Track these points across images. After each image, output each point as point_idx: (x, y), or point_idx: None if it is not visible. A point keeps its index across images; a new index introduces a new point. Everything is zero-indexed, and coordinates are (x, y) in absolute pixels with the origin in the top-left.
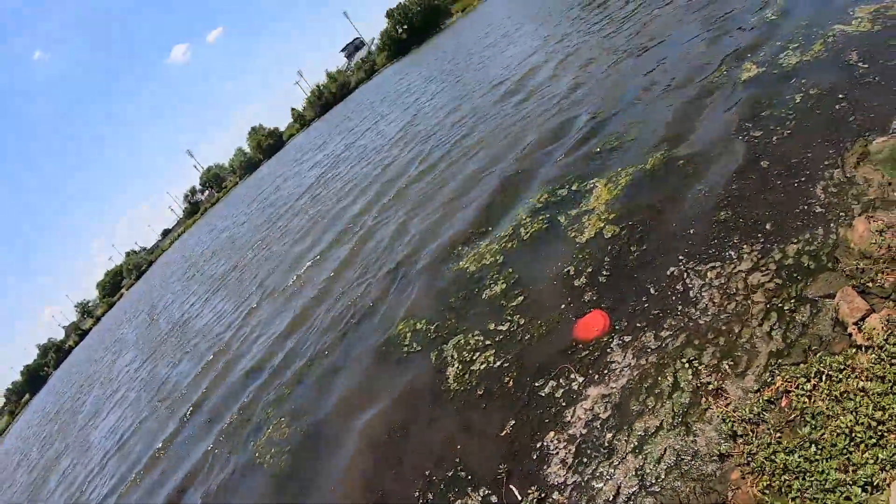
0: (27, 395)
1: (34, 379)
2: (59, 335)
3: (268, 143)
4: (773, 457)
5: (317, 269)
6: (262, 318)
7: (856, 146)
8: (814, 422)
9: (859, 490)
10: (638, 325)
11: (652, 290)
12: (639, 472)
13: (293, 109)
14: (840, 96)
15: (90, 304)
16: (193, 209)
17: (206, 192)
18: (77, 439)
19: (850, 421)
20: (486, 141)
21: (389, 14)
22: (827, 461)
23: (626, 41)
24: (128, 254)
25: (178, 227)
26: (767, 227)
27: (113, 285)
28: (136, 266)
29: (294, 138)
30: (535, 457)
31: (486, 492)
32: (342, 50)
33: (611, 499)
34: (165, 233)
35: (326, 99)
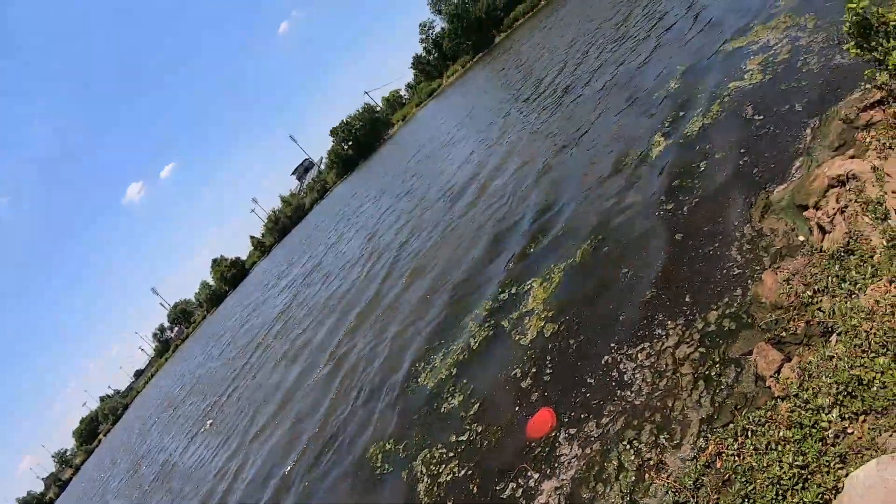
0: None
1: None
2: (39, 487)
3: (231, 273)
4: None
5: (291, 402)
6: (243, 457)
7: (758, 200)
8: (743, 478)
9: None
10: (582, 416)
11: (591, 381)
12: None
13: (252, 237)
14: (741, 151)
15: (68, 454)
16: (164, 347)
17: (175, 328)
18: None
19: (777, 471)
20: (439, 254)
21: (334, 132)
22: None
23: (556, 135)
24: (102, 398)
25: (151, 366)
26: (688, 299)
27: (89, 432)
28: (111, 410)
29: (257, 265)
30: None
31: None
32: (293, 173)
33: None
34: (138, 374)
35: (283, 223)
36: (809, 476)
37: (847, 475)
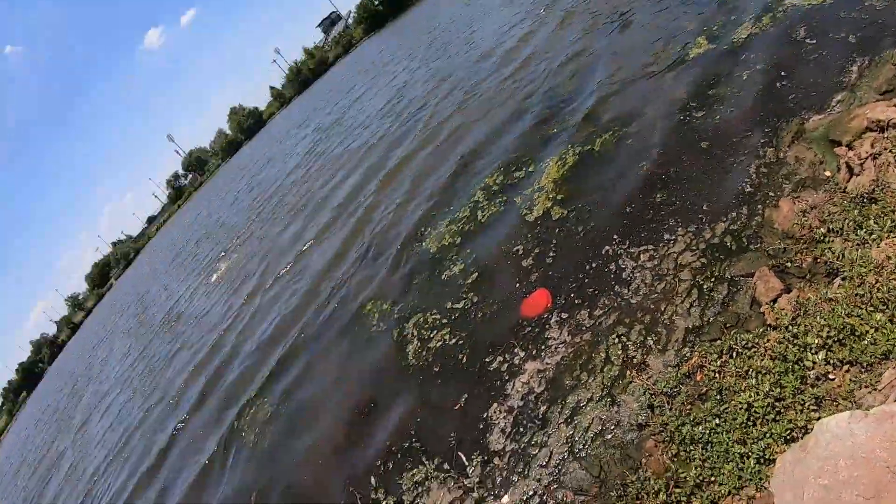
0: (24, 393)
1: (30, 376)
2: (52, 330)
3: (248, 123)
4: (681, 428)
5: (303, 255)
6: (249, 305)
7: (792, 124)
8: (719, 396)
9: (753, 462)
10: (577, 303)
11: (591, 270)
12: (569, 440)
13: (272, 88)
14: (782, 73)
15: (80, 297)
16: (177, 194)
17: (190, 176)
18: (78, 436)
19: (751, 397)
20: (463, 119)
21: None
22: (727, 434)
23: (605, 12)
24: (114, 244)
25: (163, 213)
26: (704, 207)
27: (102, 276)
28: (123, 256)
29: (275, 117)
30: (481, 427)
31: (440, 460)
32: (318, 25)
33: (543, 463)
34: (151, 220)
35: (305, 76)
36: (783, 410)
37: (818, 419)
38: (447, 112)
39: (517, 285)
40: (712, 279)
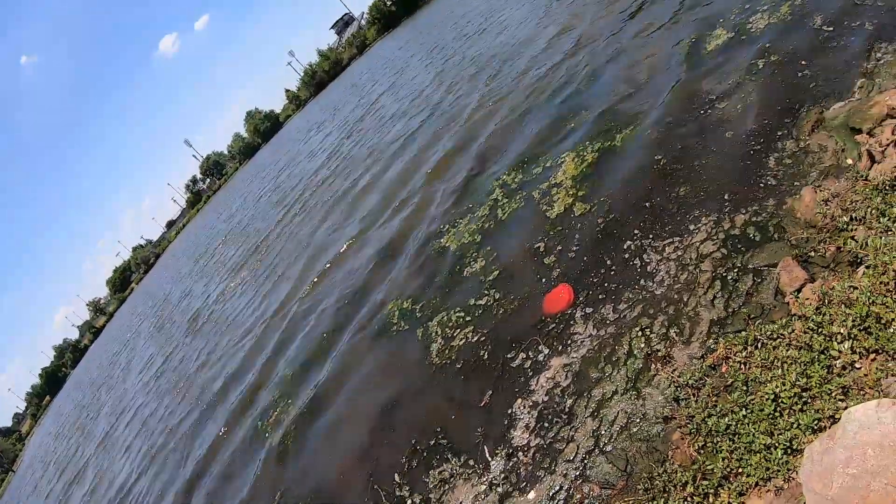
0: (48, 398)
1: (53, 380)
2: (74, 335)
3: (265, 127)
4: (707, 420)
5: (325, 256)
6: (271, 308)
7: (811, 113)
8: (745, 387)
9: (780, 452)
10: (600, 297)
11: (613, 264)
12: (594, 434)
13: (287, 91)
14: (802, 62)
15: (102, 302)
16: (196, 198)
17: (208, 180)
18: (104, 444)
19: (778, 387)
20: (479, 118)
21: None
22: (754, 425)
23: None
24: (134, 248)
25: (182, 217)
26: (725, 197)
27: (122, 281)
28: (143, 260)
29: (291, 119)
30: (505, 423)
31: (465, 457)
32: (332, 27)
33: (569, 458)
34: (170, 224)
35: (320, 78)
36: (809, 400)
37: (845, 408)
38: (465, 110)
39: (540, 281)
40: (736, 270)
